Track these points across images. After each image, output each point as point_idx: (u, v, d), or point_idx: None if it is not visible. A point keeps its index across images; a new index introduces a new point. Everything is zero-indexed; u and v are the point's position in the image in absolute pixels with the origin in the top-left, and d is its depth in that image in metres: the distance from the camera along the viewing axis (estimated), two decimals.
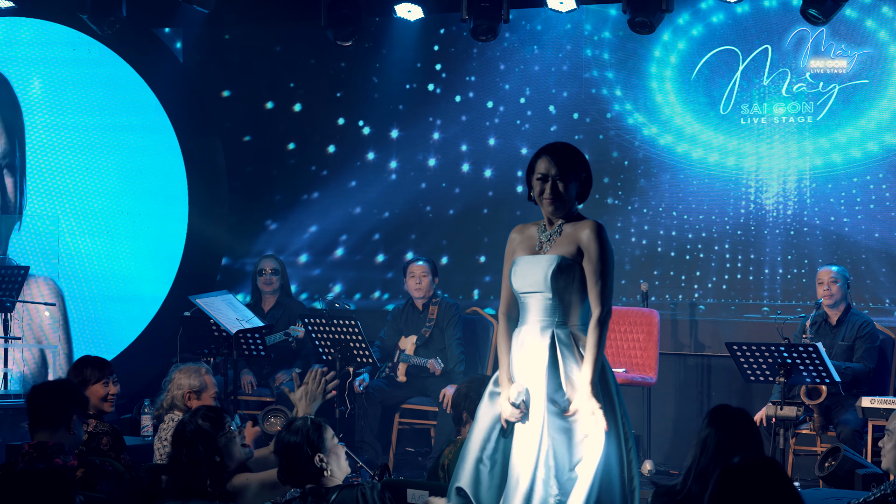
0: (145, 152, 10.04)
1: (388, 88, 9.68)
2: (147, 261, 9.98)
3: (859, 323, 7.55)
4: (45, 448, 4.73)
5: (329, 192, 9.86)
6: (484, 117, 9.44)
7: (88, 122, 9.95)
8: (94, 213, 9.97)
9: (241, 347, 7.81)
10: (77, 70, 9.89)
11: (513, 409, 4.37)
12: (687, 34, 8.87)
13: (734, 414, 4.42)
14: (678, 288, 8.89)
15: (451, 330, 8.26)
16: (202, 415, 4.62)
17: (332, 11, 8.54)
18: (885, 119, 8.41)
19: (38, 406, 4.81)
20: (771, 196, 8.70)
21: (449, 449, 5.34)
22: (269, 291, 8.75)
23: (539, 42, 9.26)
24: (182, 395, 5.90)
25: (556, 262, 4.39)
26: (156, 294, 9.95)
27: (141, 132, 10.15)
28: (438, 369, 8.03)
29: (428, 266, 8.39)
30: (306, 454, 4.44)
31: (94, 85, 9.96)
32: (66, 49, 9.83)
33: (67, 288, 9.80)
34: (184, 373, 5.97)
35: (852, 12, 8.40)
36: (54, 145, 9.89)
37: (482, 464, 4.43)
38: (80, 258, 9.90)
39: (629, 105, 9.03)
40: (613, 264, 4.43)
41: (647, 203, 8.98)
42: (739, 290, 8.74)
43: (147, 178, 10.19)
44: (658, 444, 8.52)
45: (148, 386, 8.77)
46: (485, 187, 9.44)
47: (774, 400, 7.13)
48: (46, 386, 5.01)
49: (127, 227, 10.01)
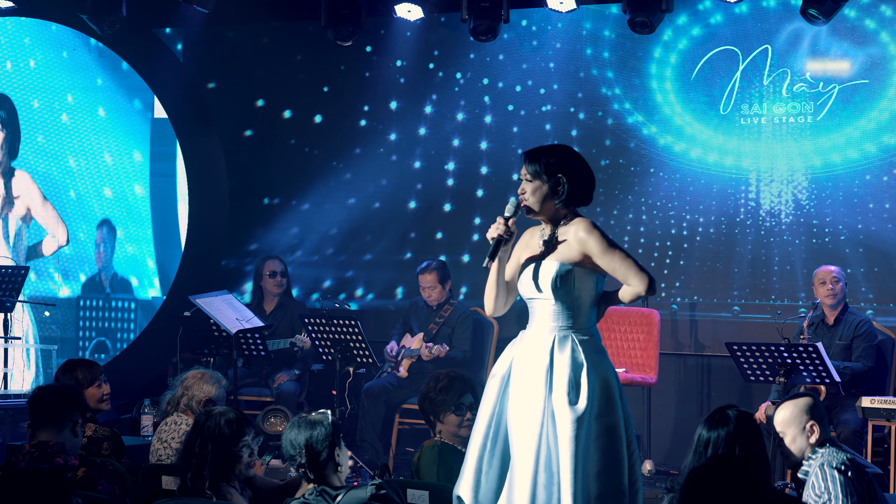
0: (145, 152, 10.05)
1: (387, 88, 9.68)
2: (147, 260, 9.98)
3: (857, 322, 7.54)
4: (46, 447, 4.74)
5: (329, 192, 9.86)
6: (483, 116, 9.43)
7: (88, 123, 9.96)
8: (94, 213, 9.97)
9: (241, 347, 7.80)
10: (76, 70, 9.90)
11: (499, 221, 4.43)
12: (687, 34, 8.87)
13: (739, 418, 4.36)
14: (678, 288, 8.89)
15: (459, 330, 8.27)
16: (227, 420, 4.62)
17: (332, 11, 8.54)
18: (884, 120, 8.41)
19: (43, 407, 4.82)
20: (771, 196, 8.70)
21: (419, 451, 5.35)
22: (276, 293, 8.74)
23: (538, 40, 9.26)
24: (200, 400, 5.83)
25: (555, 269, 4.40)
26: (156, 294, 9.96)
27: (141, 131, 10.17)
28: (443, 351, 8.03)
29: (436, 276, 8.34)
30: (331, 446, 4.46)
31: (94, 85, 9.96)
32: (65, 49, 9.84)
33: (68, 288, 9.82)
34: (206, 380, 5.85)
35: (851, 12, 8.40)
36: (54, 145, 9.90)
37: (483, 463, 4.44)
38: (80, 258, 9.92)
39: (628, 104, 9.03)
40: (618, 243, 4.45)
41: (646, 203, 8.98)
42: (740, 290, 8.74)
43: (147, 177, 10.21)
44: (658, 444, 8.53)
45: (148, 386, 8.79)
46: (479, 186, 9.47)
47: (774, 400, 7.14)
48: (52, 388, 5.02)
49: (127, 228, 10.02)
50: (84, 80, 9.94)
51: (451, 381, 5.44)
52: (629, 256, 4.40)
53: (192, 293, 7.99)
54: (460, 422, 5.33)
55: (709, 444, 4.21)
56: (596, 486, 4.28)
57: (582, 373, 4.34)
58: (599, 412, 4.32)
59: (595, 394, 4.32)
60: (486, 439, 4.46)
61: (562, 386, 4.32)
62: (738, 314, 8.73)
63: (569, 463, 4.23)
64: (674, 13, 8.36)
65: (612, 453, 4.32)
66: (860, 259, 8.44)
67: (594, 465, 4.28)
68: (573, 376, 4.33)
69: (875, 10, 8.41)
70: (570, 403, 4.29)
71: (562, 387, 4.32)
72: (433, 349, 8.03)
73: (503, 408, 4.45)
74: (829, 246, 8.51)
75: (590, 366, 4.35)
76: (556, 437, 4.27)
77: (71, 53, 9.73)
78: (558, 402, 4.30)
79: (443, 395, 5.39)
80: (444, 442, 5.38)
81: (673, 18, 8.70)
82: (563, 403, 4.30)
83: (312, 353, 8.23)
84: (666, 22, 8.54)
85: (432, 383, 5.43)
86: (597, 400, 4.32)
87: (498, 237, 4.46)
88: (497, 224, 4.45)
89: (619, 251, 4.39)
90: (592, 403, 4.31)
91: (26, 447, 4.78)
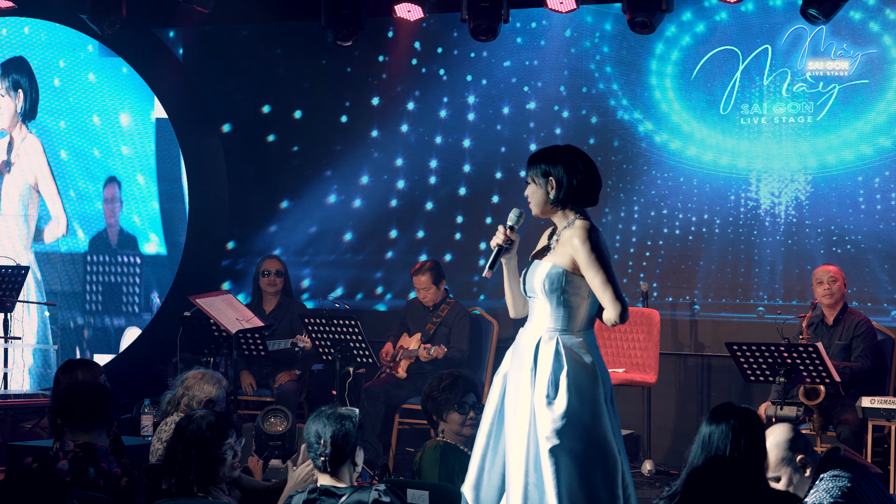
0: (145, 151, 10.04)
1: (389, 89, 9.69)
2: (147, 260, 9.98)
3: (856, 322, 7.54)
4: (92, 450, 4.68)
5: (330, 192, 9.86)
6: (483, 114, 9.44)
7: (87, 124, 9.96)
8: (93, 213, 9.97)
9: (241, 347, 7.80)
10: (75, 70, 9.90)
11: (501, 230, 4.44)
12: (687, 34, 8.87)
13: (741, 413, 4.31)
14: (678, 288, 8.89)
15: (457, 330, 8.26)
16: (208, 423, 4.60)
17: (332, 11, 8.53)
18: (884, 120, 8.41)
19: (83, 407, 4.73)
20: (770, 196, 8.70)
21: (422, 451, 5.36)
22: (272, 293, 8.74)
23: (537, 38, 9.26)
24: (201, 400, 5.83)
25: (546, 271, 4.42)
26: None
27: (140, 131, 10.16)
28: (442, 352, 8.02)
29: (430, 277, 8.33)
30: (353, 446, 4.47)
31: (92, 85, 9.96)
32: (64, 49, 9.84)
33: (68, 287, 9.84)
34: (207, 380, 5.85)
35: (856, 14, 8.40)
36: (52, 146, 9.89)
37: (486, 461, 4.46)
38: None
39: (626, 101, 9.03)
40: (606, 261, 4.36)
41: (646, 203, 8.98)
42: (739, 290, 8.74)
43: (146, 177, 10.20)
44: (658, 444, 8.52)
45: (148, 386, 8.78)
46: (483, 185, 9.49)
47: (774, 400, 7.14)
48: (90, 387, 4.94)
49: (126, 227, 10.02)
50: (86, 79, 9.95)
51: (455, 380, 5.48)
52: (610, 281, 4.33)
53: (192, 293, 7.99)
54: (463, 420, 5.35)
55: (711, 437, 4.18)
56: (583, 490, 4.26)
57: (562, 374, 4.32)
58: (580, 414, 4.29)
59: (573, 395, 4.30)
60: (490, 437, 4.48)
61: (542, 386, 4.33)
62: (738, 314, 8.73)
63: (549, 464, 4.23)
64: (674, 13, 8.35)
65: (589, 455, 4.28)
66: (860, 259, 8.44)
67: (566, 468, 4.25)
68: (553, 377, 4.32)
69: (875, 10, 8.41)
70: (548, 404, 4.30)
71: (542, 387, 4.33)
72: (431, 350, 8.02)
73: (504, 406, 4.47)
74: (829, 246, 8.51)
75: (570, 368, 4.33)
76: (541, 438, 4.28)
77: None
78: (538, 402, 4.32)
79: (446, 394, 5.41)
80: (447, 442, 5.39)
81: (673, 18, 8.70)
82: (542, 403, 4.31)
83: (313, 353, 8.23)
84: (666, 22, 8.54)
85: (435, 382, 5.45)
86: (575, 401, 4.30)
87: (498, 247, 4.47)
88: (497, 233, 4.47)
89: (602, 272, 4.33)
90: (571, 404, 4.29)
91: (71, 445, 4.71)
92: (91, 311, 9.16)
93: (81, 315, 9.18)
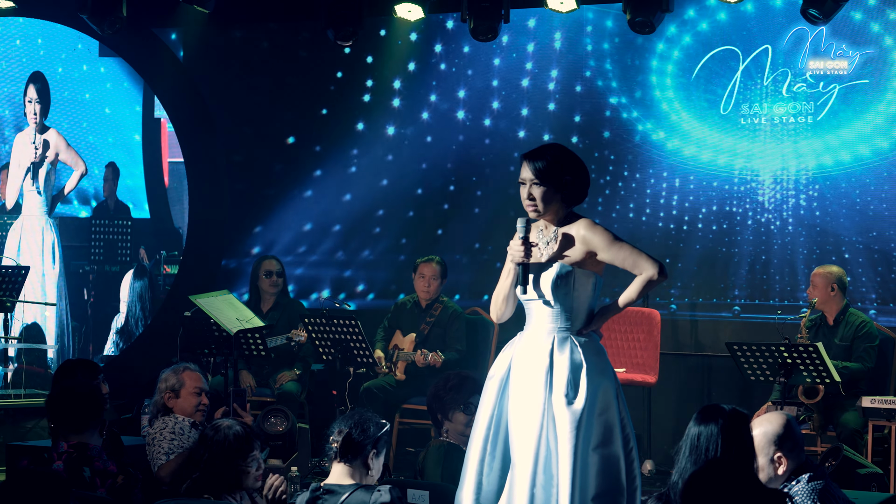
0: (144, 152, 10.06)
1: (384, 89, 9.69)
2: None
3: (857, 322, 7.53)
4: (86, 450, 4.69)
5: (330, 191, 9.86)
6: (482, 114, 9.44)
7: (86, 124, 9.96)
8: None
9: (241, 347, 7.80)
10: (74, 70, 9.91)
11: (516, 242, 4.40)
12: (688, 34, 8.87)
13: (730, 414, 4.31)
14: (678, 288, 8.89)
15: (452, 329, 8.24)
16: (234, 434, 4.62)
17: (332, 11, 8.53)
18: (883, 121, 8.42)
19: (72, 408, 4.75)
20: (771, 196, 8.70)
21: (426, 451, 5.36)
22: (272, 293, 8.74)
23: (537, 38, 9.26)
24: (161, 398, 5.93)
25: (556, 272, 4.41)
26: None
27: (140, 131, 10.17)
28: (440, 360, 7.99)
29: (439, 268, 8.32)
30: (368, 448, 4.47)
31: (91, 85, 9.97)
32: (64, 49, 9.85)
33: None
34: (164, 376, 5.98)
35: (857, 14, 8.40)
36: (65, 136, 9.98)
37: (484, 465, 4.45)
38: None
39: (625, 99, 9.04)
40: (621, 237, 4.46)
41: (646, 203, 8.98)
42: (740, 290, 8.74)
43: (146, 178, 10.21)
44: (658, 444, 8.52)
45: (148, 386, 8.76)
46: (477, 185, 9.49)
47: (775, 400, 7.14)
48: (79, 388, 4.95)
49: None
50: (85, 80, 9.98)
51: (462, 380, 5.50)
52: (634, 247, 4.45)
53: (192, 293, 7.98)
54: (468, 421, 5.35)
55: (699, 437, 4.18)
56: (594, 485, 4.29)
57: (581, 373, 4.35)
58: (598, 411, 4.33)
59: (593, 394, 4.33)
60: (486, 441, 4.47)
61: (561, 386, 4.33)
62: (738, 314, 8.73)
63: (568, 462, 4.25)
64: (674, 13, 8.35)
65: (611, 452, 4.33)
66: (861, 259, 8.44)
67: (593, 465, 4.30)
68: (572, 377, 4.34)
69: (880, 13, 8.42)
70: (569, 403, 4.31)
71: (561, 387, 4.33)
72: (428, 357, 7.98)
73: (502, 409, 4.46)
74: (829, 246, 8.51)
75: (588, 366, 4.36)
76: (556, 438, 4.28)
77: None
78: (558, 403, 4.32)
79: (453, 394, 5.43)
80: (450, 442, 5.40)
81: (673, 19, 8.70)
82: (561, 403, 4.31)
83: (313, 353, 8.22)
84: (666, 22, 8.54)
85: (442, 382, 5.46)
86: (595, 400, 4.34)
87: (522, 263, 4.44)
88: (516, 248, 4.42)
89: (626, 243, 4.44)
90: (591, 403, 4.32)
91: (64, 447, 4.70)
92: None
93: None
